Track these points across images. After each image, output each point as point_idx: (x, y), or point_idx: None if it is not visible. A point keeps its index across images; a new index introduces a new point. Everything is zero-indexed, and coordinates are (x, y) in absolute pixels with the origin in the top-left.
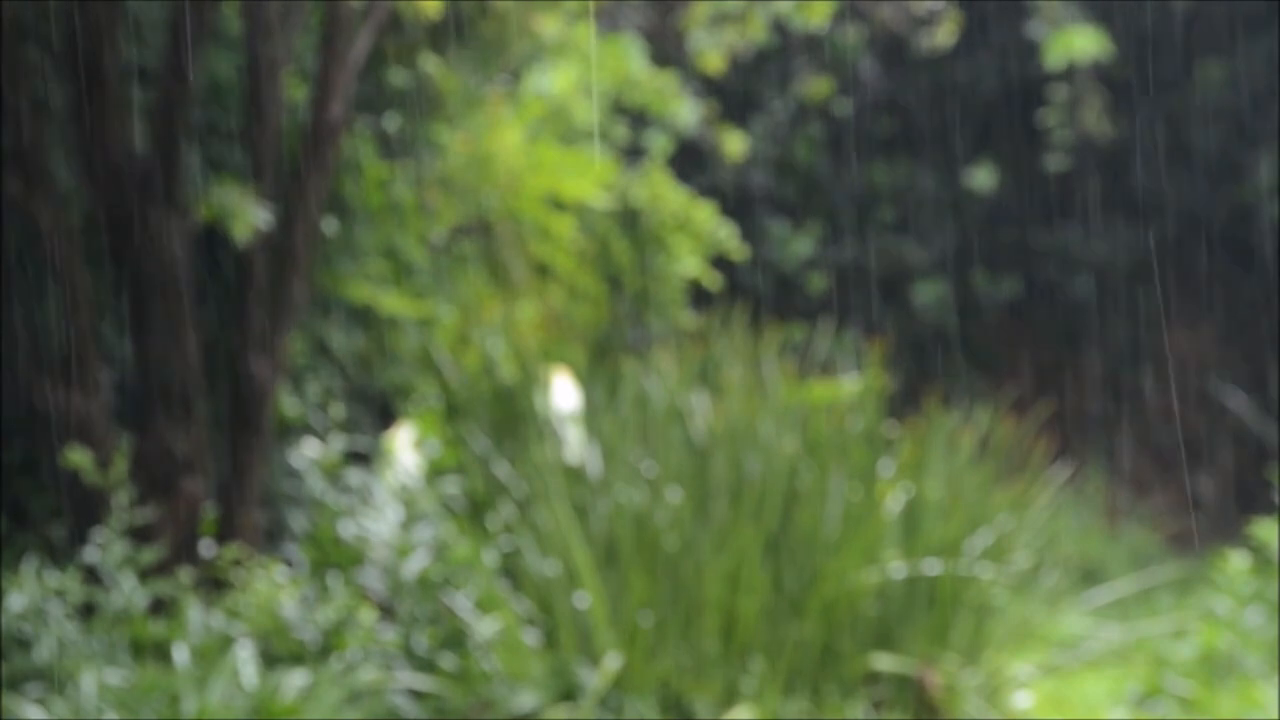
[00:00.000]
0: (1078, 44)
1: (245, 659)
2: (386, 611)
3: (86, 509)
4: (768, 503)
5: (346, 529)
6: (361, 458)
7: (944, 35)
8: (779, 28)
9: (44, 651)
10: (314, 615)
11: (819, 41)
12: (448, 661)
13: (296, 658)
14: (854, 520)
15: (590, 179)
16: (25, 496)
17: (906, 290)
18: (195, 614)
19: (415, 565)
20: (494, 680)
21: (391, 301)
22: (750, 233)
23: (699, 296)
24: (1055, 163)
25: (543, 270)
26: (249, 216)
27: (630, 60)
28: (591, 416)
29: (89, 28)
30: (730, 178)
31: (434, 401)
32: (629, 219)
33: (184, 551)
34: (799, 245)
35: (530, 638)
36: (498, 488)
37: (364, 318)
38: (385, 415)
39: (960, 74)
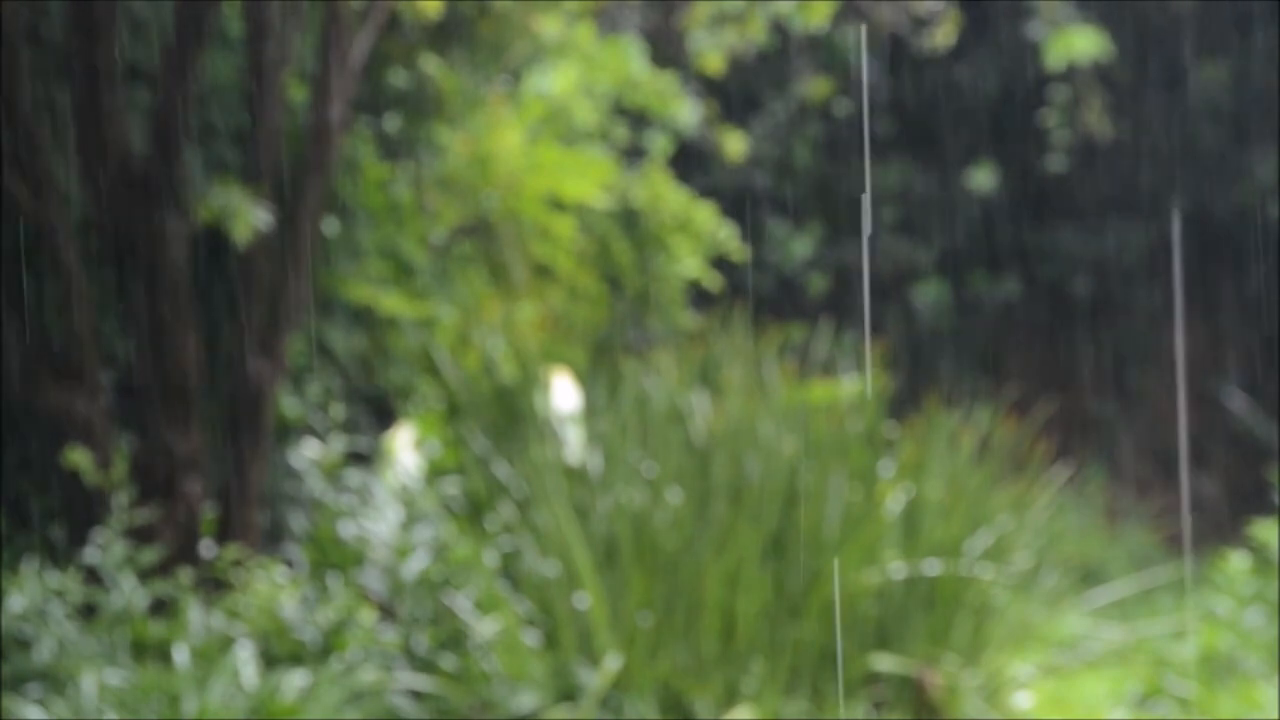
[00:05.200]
0: (1078, 44)
1: (245, 659)
2: (386, 612)
3: (86, 509)
4: (768, 503)
5: (346, 529)
6: (361, 458)
7: (944, 35)
8: (779, 28)
9: (44, 652)
10: (314, 616)
11: (819, 41)
12: (448, 662)
13: (296, 658)
14: (854, 521)
15: (590, 179)
16: (25, 496)
17: (906, 290)
18: (195, 614)
19: (415, 566)
20: (494, 681)
21: (391, 302)
22: (750, 233)
23: (699, 297)
24: (1055, 163)
25: (543, 270)
26: (249, 217)
27: (630, 61)
28: (591, 416)
29: (89, 28)
30: (730, 178)
31: (434, 402)
32: (629, 219)
33: (184, 552)
34: (799, 245)
35: (530, 638)
36: (498, 488)
37: (364, 318)
38: (385, 415)
39: (960, 74)
